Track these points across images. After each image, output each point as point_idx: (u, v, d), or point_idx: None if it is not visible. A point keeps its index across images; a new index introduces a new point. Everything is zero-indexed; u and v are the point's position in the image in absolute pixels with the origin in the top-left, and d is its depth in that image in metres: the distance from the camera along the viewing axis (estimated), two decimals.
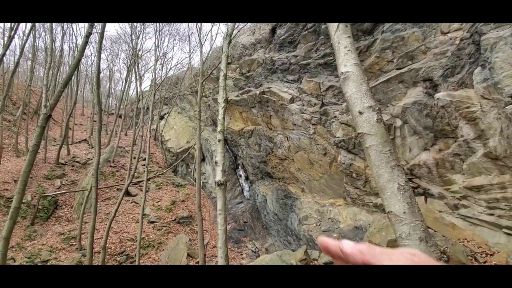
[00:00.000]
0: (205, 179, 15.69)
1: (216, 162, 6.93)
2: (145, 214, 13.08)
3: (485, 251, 4.31)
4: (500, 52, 4.30)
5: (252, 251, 12.15)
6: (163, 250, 12.03)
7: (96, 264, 10.18)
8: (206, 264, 9.14)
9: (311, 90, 9.09)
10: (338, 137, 8.21)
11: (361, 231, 7.92)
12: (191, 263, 11.52)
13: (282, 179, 12.12)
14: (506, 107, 4.26)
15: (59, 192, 13.74)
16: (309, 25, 8.59)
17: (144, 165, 14.06)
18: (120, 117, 26.90)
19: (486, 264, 4.04)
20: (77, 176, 15.59)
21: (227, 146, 14.47)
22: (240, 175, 14.42)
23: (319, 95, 8.80)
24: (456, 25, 5.15)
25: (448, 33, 5.25)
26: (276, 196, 12.34)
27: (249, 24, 12.38)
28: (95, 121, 18.61)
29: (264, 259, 8.16)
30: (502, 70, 4.27)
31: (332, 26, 2.61)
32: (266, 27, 11.18)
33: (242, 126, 13.06)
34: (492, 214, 5.11)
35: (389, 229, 5.26)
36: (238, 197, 14.46)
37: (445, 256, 3.72)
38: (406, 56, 6.11)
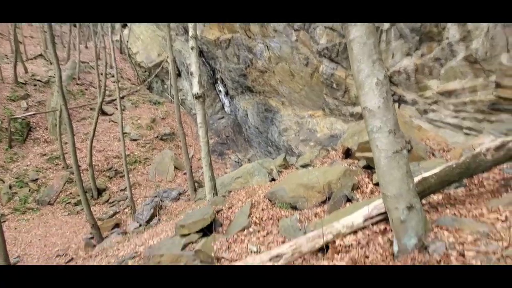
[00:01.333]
0: (183, 95, 15.15)
1: (191, 73, 6.47)
2: (126, 133, 13.01)
3: (443, 148, 4.83)
4: None
5: (235, 161, 13.05)
6: (150, 164, 12.58)
7: (86, 180, 10.65)
8: (193, 176, 9.79)
9: None
10: (321, 43, 7.69)
11: (336, 138, 8.47)
12: (178, 175, 12.36)
13: (262, 93, 11.92)
14: None
15: (28, 114, 12.97)
16: None
17: (115, 82, 13.06)
18: (75, 25, 23.11)
19: (442, 158, 4.57)
20: (43, 96, 14.45)
21: (203, 59, 13.39)
22: (220, 91, 13.98)
23: None
24: None
25: None
26: (257, 110, 12.40)
27: None
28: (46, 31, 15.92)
29: (247, 167, 8.85)
30: None
31: None
32: None
33: (218, 35, 11.77)
34: (456, 117, 5.48)
35: (361, 133, 5.60)
36: (219, 112, 14.43)
37: (409, 145, 4.16)
38: None
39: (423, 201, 3.17)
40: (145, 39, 16.60)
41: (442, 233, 2.23)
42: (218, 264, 2.29)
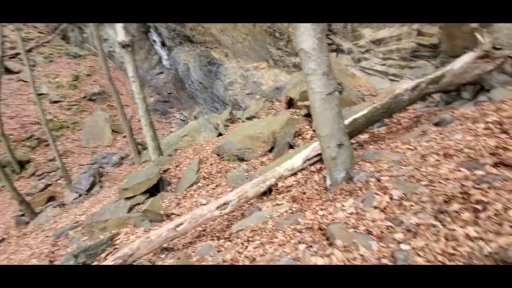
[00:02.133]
0: (110, 47, 13.05)
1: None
2: (42, 94, 10.97)
3: (372, 94, 5.34)
4: None
5: (181, 120, 12.45)
6: (81, 129, 11.15)
7: (3, 153, 9.00)
8: (134, 138, 9.05)
9: None
10: None
11: (281, 90, 8.59)
12: (118, 138, 11.32)
13: (203, 43, 11.01)
14: None
15: None
16: None
17: (14, 30, 10.33)
18: None
19: (370, 102, 5.05)
20: None
21: None
22: (154, 41, 12.41)
23: None
24: None
25: None
26: (199, 63, 11.56)
27: None
28: None
29: (193, 124, 8.52)
30: None
31: None
32: None
33: None
34: (384, 65, 5.98)
35: (303, 83, 5.75)
36: (157, 67, 13.05)
37: (340, 87, 4.48)
38: None
39: (353, 140, 3.52)
40: None
41: (365, 165, 2.54)
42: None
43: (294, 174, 3.24)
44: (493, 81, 3.05)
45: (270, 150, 5.00)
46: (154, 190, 4.97)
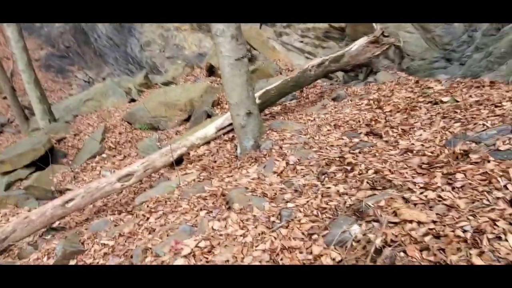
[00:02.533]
0: None
1: None
2: None
3: (288, 68, 5.61)
4: None
5: (85, 81, 10.49)
6: None
7: None
8: (19, 100, 7.16)
9: None
10: None
11: (204, 56, 8.13)
12: None
13: None
14: None
15: None
16: None
17: None
18: None
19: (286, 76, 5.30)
20: None
21: None
22: None
23: None
24: None
25: None
26: None
27: None
28: None
29: (99, 87, 7.28)
30: None
31: None
32: None
33: None
34: (302, 42, 6.29)
35: None
36: None
37: (249, 54, 4.55)
38: None
39: (266, 111, 3.67)
40: None
41: (272, 134, 2.68)
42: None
43: (207, 143, 3.18)
44: (379, 64, 3.59)
45: (188, 119, 4.76)
46: (42, 163, 4.13)
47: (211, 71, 5.64)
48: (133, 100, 6.25)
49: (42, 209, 2.51)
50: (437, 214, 1.16)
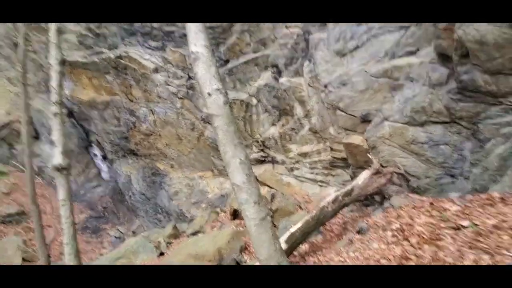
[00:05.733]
0: (41, 161, 12.21)
1: (53, 142, 5.48)
2: None
3: (306, 200, 5.94)
4: (320, 51, 5.61)
5: (116, 237, 10.99)
6: None
7: None
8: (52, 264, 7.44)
9: (176, 61, 8.63)
10: (204, 111, 8.41)
11: (226, 197, 8.82)
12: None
13: (148, 156, 11.29)
14: (321, 94, 5.73)
15: None
16: None
17: None
18: None
19: (305, 210, 5.55)
20: None
21: (73, 120, 11.68)
22: (95, 154, 12.22)
23: (185, 68, 8.52)
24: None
25: (289, 28, 6.29)
26: (142, 174, 11.44)
27: None
28: None
29: (129, 243, 7.59)
30: (321, 65, 5.63)
31: None
32: None
33: (94, 96, 10.83)
34: (312, 173, 6.97)
35: None
36: (94, 180, 12.33)
37: (271, 212, 4.88)
38: (260, 41, 6.87)
39: (295, 253, 3.68)
40: None
41: None
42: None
43: None
44: (390, 190, 3.86)
45: None
46: None
47: (235, 214, 6.02)
48: (162, 254, 6.35)
49: None
50: None
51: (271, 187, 6.54)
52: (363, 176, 3.76)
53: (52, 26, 5.47)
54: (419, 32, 4.22)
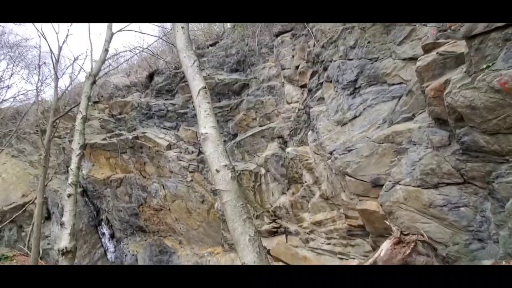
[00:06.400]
0: (49, 244, 11.90)
1: (62, 223, 5.48)
2: None
3: None
4: (321, 121, 6.00)
5: None
6: None
7: None
8: None
9: (188, 138, 9.25)
10: (213, 185, 8.50)
11: None
12: None
13: (157, 232, 10.93)
14: (328, 161, 5.84)
15: None
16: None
17: None
18: None
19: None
20: None
21: (86, 199, 11.89)
22: (103, 233, 11.93)
23: (196, 143, 9.05)
24: (295, 99, 6.90)
25: (291, 103, 6.92)
26: (149, 253, 10.85)
27: (123, 65, 11.74)
28: None
29: None
30: (324, 134, 5.92)
31: (194, 91, 2.90)
32: (143, 72, 10.92)
33: (109, 174, 11.30)
34: (329, 244, 6.48)
35: None
36: (99, 261, 11.69)
37: None
38: (265, 116, 7.47)
39: None
40: (8, 177, 13.80)
41: None
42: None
43: None
44: (417, 262, 3.50)
45: None
46: None
47: None
48: None
49: None
50: None
51: (286, 263, 6.01)
52: (385, 246, 3.48)
53: (79, 116, 6.19)
54: (411, 101, 4.55)
